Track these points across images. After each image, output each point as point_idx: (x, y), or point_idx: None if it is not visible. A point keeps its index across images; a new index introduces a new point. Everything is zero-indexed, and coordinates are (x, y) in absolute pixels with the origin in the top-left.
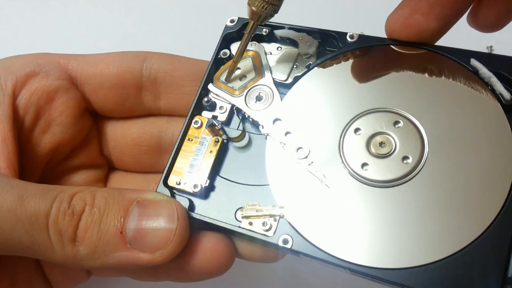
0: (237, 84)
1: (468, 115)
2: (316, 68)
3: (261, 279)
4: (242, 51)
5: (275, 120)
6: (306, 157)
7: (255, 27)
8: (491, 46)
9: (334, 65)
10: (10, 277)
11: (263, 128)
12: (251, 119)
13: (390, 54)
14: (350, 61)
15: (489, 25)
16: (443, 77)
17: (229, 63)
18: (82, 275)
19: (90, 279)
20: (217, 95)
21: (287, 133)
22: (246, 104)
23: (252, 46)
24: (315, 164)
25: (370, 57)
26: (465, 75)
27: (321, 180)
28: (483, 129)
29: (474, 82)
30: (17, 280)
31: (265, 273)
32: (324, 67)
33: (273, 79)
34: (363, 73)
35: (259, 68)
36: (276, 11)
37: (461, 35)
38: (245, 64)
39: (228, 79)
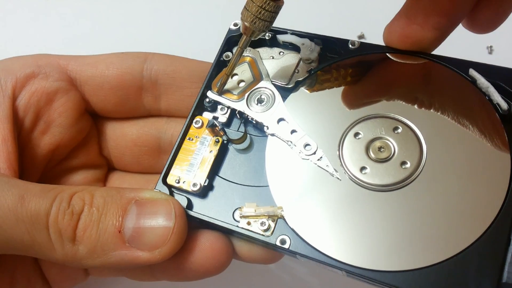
0: (236, 89)
1: (465, 124)
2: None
3: (259, 279)
4: (235, 64)
5: (280, 120)
6: (314, 153)
7: (248, 42)
8: (491, 46)
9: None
10: (9, 277)
11: (268, 129)
12: (254, 121)
13: (391, 63)
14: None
15: (485, 27)
16: (442, 86)
17: (221, 73)
18: (80, 275)
19: (88, 279)
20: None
21: (292, 131)
22: (249, 107)
23: (248, 52)
24: (324, 159)
25: (372, 65)
26: (464, 84)
27: (332, 174)
28: (481, 138)
29: (472, 91)
30: (16, 280)
31: (262, 273)
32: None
33: (272, 82)
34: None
35: (257, 73)
36: (268, 27)
37: (461, 35)
38: (243, 69)
39: (220, 91)
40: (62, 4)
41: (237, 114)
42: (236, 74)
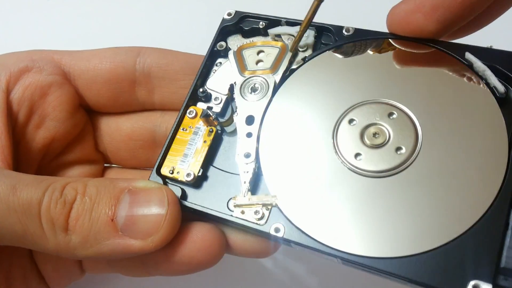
0: (251, 65)
1: (462, 108)
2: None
3: (255, 277)
4: (310, 19)
5: (249, 116)
6: (246, 164)
7: None
8: (491, 46)
9: (330, 57)
10: (5, 273)
11: (236, 115)
12: (235, 102)
13: (387, 47)
14: (345, 53)
15: (478, 26)
16: (438, 70)
17: (254, 43)
18: (76, 272)
19: (84, 277)
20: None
21: (249, 134)
22: (240, 87)
23: (288, 40)
24: (247, 176)
25: (367, 49)
26: (460, 68)
27: (243, 193)
28: (477, 121)
29: (469, 75)
30: (12, 276)
31: (258, 271)
32: (320, 59)
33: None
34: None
35: (277, 63)
36: None
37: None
38: (270, 52)
39: (292, 49)
40: (62, 3)
41: (229, 91)
42: (262, 52)
